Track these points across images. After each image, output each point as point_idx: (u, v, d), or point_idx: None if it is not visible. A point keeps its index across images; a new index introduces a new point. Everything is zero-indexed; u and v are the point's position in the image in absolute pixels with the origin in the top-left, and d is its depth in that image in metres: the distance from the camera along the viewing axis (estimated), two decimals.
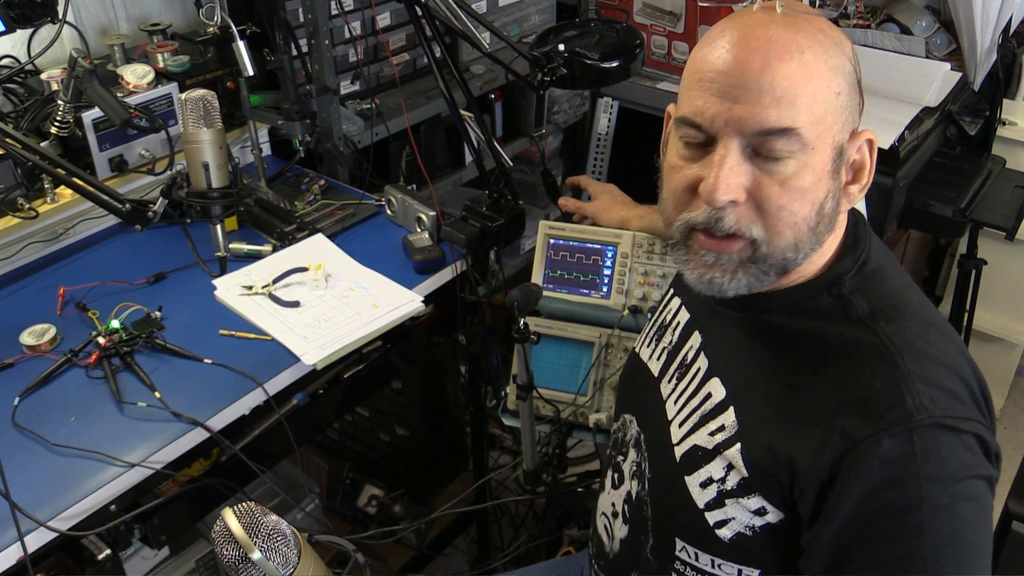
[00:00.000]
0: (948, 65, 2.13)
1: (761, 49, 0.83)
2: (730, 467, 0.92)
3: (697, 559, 0.99)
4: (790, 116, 0.82)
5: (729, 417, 0.94)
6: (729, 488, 0.92)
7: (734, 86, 0.83)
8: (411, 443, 2.18)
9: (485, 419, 1.95)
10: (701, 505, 0.95)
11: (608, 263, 1.54)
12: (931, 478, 0.80)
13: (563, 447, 1.60)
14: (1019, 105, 2.48)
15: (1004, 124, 2.43)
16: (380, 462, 2.30)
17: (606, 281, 1.54)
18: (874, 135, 0.91)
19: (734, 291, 0.89)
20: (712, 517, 0.94)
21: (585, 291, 1.56)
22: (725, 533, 0.93)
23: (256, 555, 0.90)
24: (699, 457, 0.96)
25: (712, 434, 0.95)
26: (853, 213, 0.97)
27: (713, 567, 0.98)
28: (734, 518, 0.93)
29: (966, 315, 2.46)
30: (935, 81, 2.07)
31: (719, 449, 0.94)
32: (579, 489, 1.61)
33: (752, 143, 0.84)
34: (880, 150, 1.88)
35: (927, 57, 2.26)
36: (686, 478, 0.97)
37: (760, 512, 0.91)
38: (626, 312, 1.51)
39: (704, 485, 0.95)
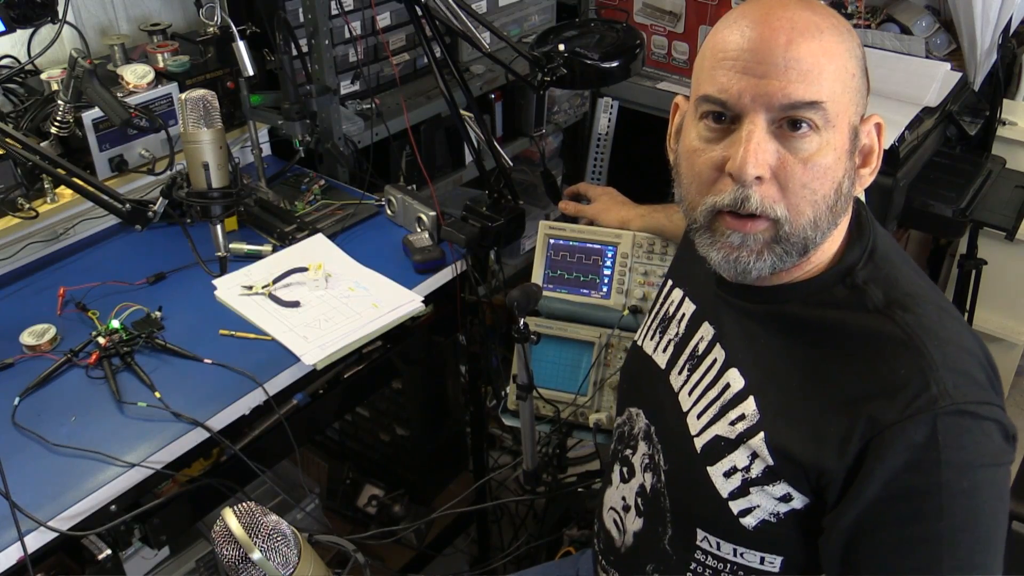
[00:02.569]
0: (948, 65, 2.13)
1: (785, 27, 0.85)
2: (755, 455, 0.93)
3: (719, 548, 1.00)
4: (816, 90, 0.84)
5: (750, 406, 0.95)
6: (754, 476, 0.94)
7: (760, 62, 0.84)
8: (411, 443, 2.18)
9: (485, 419, 1.95)
10: (725, 495, 0.96)
11: (608, 263, 1.54)
12: (951, 464, 0.82)
13: (563, 447, 1.60)
14: (1019, 105, 2.48)
15: (1004, 124, 2.43)
16: (380, 462, 2.30)
17: (606, 281, 1.54)
18: (882, 119, 0.93)
19: (758, 272, 0.90)
20: (736, 506, 0.95)
21: (585, 291, 1.56)
22: (749, 521, 0.95)
23: (256, 555, 0.90)
24: (722, 447, 0.97)
25: (733, 423, 0.96)
26: (855, 200, 0.98)
27: (735, 556, 0.99)
28: (759, 506, 0.94)
29: (966, 315, 2.46)
30: (935, 81, 2.07)
31: (742, 438, 0.95)
32: (579, 489, 1.62)
33: (777, 119, 0.85)
34: None
35: (927, 57, 2.26)
36: (708, 468, 0.98)
37: (785, 499, 0.92)
38: (626, 312, 1.51)
39: (728, 475, 0.96)
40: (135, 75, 1.64)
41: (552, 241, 1.57)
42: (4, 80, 1.64)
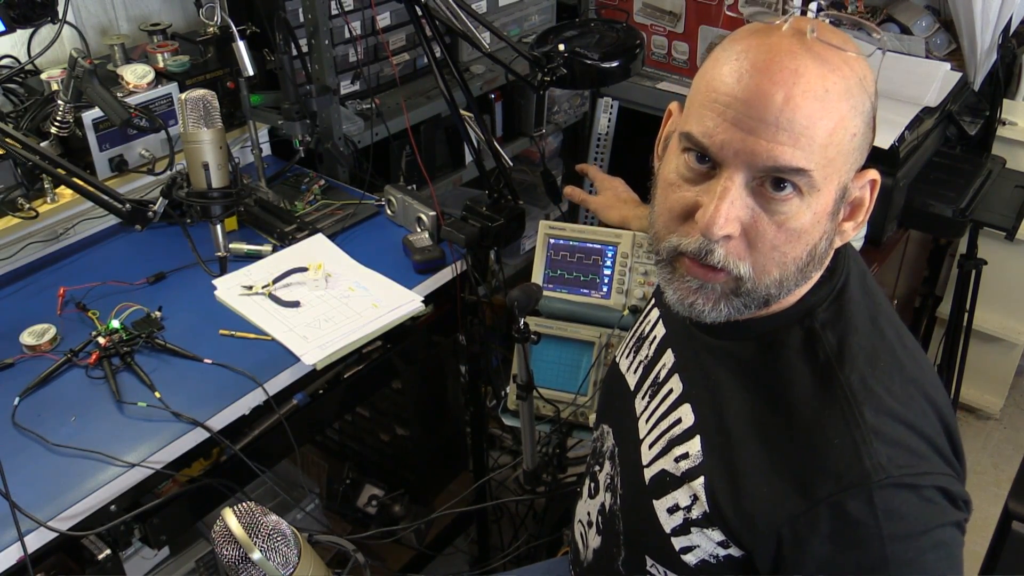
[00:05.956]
0: (948, 65, 2.13)
1: (787, 82, 0.77)
2: (695, 498, 0.91)
3: None
4: (805, 157, 0.78)
5: (695, 446, 0.93)
6: (694, 517, 0.91)
7: (751, 116, 0.77)
8: (411, 443, 2.18)
9: (485, 419, 1.95)
10: (667, 530, 0.94)
11: (608, 263, 1.54)
12: (894, 537, 0.79)
13: (563, 447, 1.60)
14: (1019, 105, 2.48)
15: (1004, 124, 2.43)
16: (380, 462, 2.30)
17: (606, 281, 1.54)
18: (879, 175, 0.87)
19: (713, 318, 0.86)
20: (678, 543, 0.93)
21: (585, 291, 1.56)
22: (690, 559, 0.92)
23: (256, 555, 0.90)
24: (667, 483, 0.94)
25: (678, 460, 0.94)
26: None
27: None
28: (699, 546, 0.91)
29: (966, 315, 2.46)
30: (935, 81, 2.07)
31: (686, 477, 0.92)
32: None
33: (757, 178, 0.80)
34: (880, 150, 1.88)
35: (927, 57, 2.26)
36: (654, 502, 0.96)
37: (723, 544, 0.89)
38: (626, 312, 1.51)
39: (671, 511, 0.94)
40: (135, 75, 1.64)
41: (552, 241, 1.57)
42: (4, 80, 1.64)
